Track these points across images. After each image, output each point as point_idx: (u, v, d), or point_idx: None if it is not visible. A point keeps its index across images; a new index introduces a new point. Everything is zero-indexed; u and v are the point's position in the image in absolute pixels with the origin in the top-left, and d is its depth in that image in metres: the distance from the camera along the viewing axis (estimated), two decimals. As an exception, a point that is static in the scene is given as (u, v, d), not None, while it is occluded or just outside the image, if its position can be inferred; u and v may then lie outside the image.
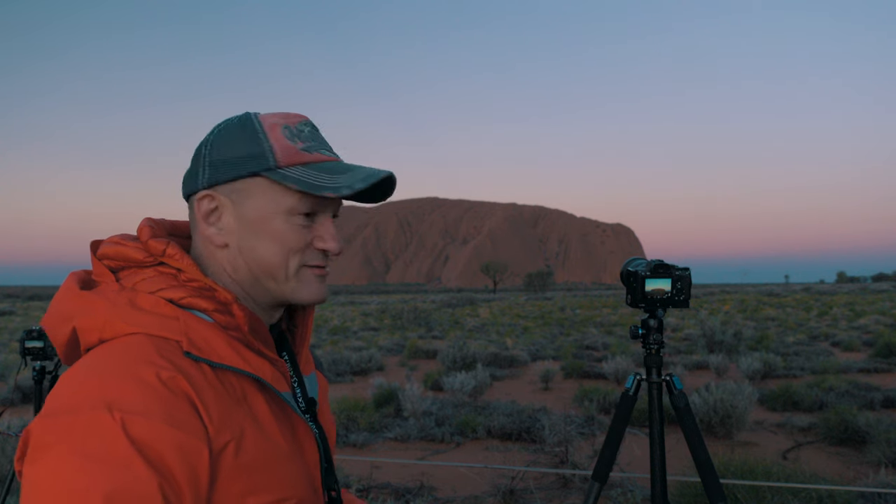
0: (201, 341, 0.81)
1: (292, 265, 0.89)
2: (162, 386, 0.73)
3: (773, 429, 7.19)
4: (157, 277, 0.86)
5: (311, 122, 0.95)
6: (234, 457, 0.77)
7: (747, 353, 12.12)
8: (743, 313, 29.19)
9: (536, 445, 6.48)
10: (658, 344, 2.03)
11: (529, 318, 30.33)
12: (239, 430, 0.79)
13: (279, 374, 0.89)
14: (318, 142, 0.92)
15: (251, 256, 0.89)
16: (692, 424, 1.97)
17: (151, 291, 0.84)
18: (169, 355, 0.78)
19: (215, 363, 0.81)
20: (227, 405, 0.80)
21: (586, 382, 10.18)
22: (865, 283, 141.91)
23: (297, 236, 0.89)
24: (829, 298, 43.59)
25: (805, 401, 8.05)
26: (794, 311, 30.50)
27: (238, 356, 0.84)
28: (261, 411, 0.84)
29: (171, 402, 0.73)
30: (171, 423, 0.71)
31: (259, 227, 0.88)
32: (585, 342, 16.95)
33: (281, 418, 0.87)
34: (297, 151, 0.88)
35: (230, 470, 0.77)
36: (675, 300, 1.98)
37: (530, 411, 7.54)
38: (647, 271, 1.97)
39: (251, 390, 0.85)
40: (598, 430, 6.89)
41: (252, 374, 0.83)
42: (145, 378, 0.73)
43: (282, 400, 0.88)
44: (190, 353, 0.79)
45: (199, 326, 0.83)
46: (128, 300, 0.82)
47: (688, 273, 1.97)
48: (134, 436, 0.69)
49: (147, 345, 0.78)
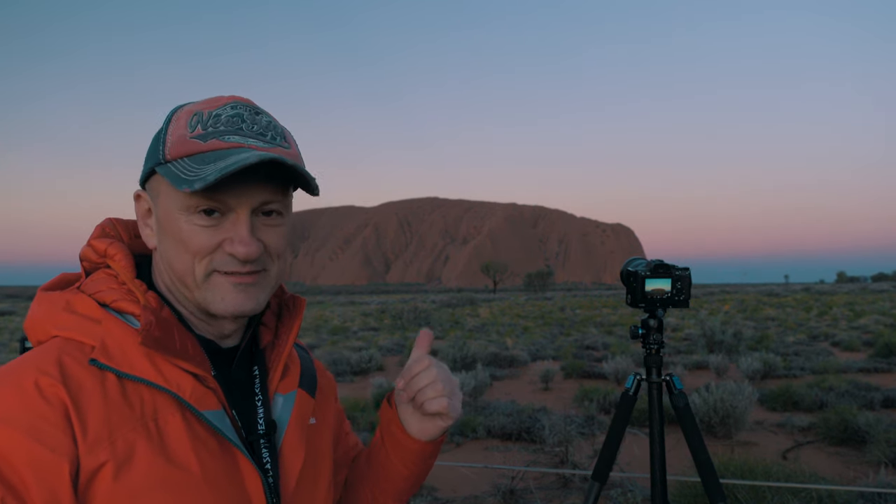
0: (116, 348, 0.76)
1: (199, 271, 0.80)
2: (37, 395, 0.69)
3: (773, 429, 7.18)
4: (103, 279, 0.83)
5: (245, 105, 0.82)
6: (112, 480, 0.70)
7: (747, 353, 12.12)
8: (743, 313, 29.18)
9: (536, 445, 6.48)
10: (658, 344, 2.03)
11: (529, 318, 30.33)
12: (125, 451, 0.71)
13: (206, 392, 0.79)
14: (231, 126, 0.79)
15: (166, 260, 0.83)
16: (692, 424, 1.97)
17: (91, 293, 0.81)
18: (69, 362, 0.74)
19: (121, 373, 0.74)
20: (118, 421, 0.72)
21: (586, 382, 10.17)
22: (865, 283, 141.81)
23: (199, 238, 0.79)
24: (828, 298, 43.60)
25: (805, 401, 8.05)
26: (794, 311, 30.50)
27: (153, 367, 0.76)
28: (172, 432, 0.75)
29: (41, 412, 0.68)
30: (32, 436, 0.67)
31: (166, 227, 0.81)
32: (585, 342, 16.94)
33: (206, 441, 0.78)
34: (186, 140, 0.79)
35: (108, 494, 0.69)
36: (675, 300, 1.97)
37: (530, 411, 7.54)
38: (647, 271, 1.97)
39: (166, 408, 0.76)
40: (598, 429, 6.88)
41: (164, 388, 0.76)
42: (24, 385, 0.70)
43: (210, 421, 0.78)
44: (95, 360, 0.74)
45: (119, 332, 0.77)
46: (65, 303, 0.80)
47: (688, 273, 1.97)
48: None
49: (53, 350, 0.75)
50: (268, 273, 0.85)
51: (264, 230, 0.82)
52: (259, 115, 0.83)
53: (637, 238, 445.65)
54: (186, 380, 0.78)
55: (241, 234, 0.80)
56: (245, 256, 0.79)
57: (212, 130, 0.79)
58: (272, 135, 0.82)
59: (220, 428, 0.78)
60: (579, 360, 12.28)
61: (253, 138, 0.80)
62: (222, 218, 0.80)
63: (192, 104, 0.83)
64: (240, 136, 0.79)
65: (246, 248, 0.79)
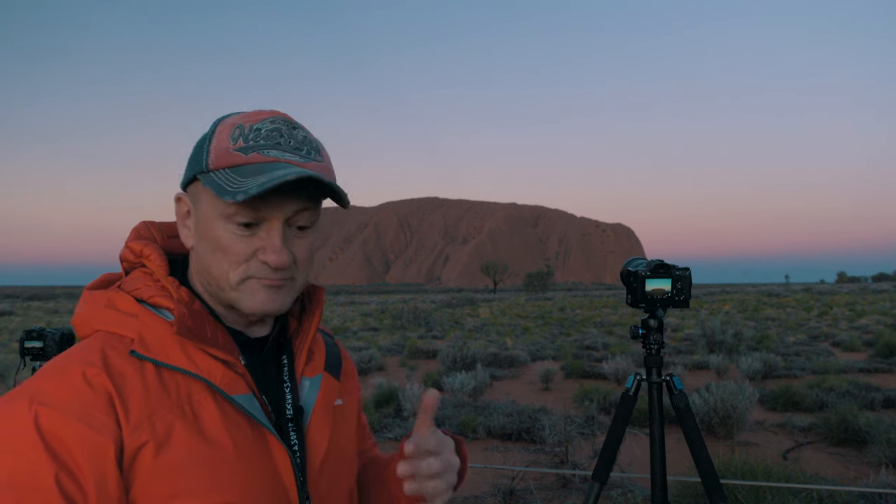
0: (153, 340, 0.83)
1: (233, 276, 0.86)
2: (84, 384, 0.77)
3: (773, 429, 7.18)
4: (139, 277, 0.90)
5: (283, 119, 0.88)
6: (153, 457, 0.77)
7: (748, 354, 12.12)
8: (743, 313, 29.18)
9: (536, 445, 6.48)
10: (658, 344, 2.03)
11: (529, 318, 30.33)
12: (164, 432, 0.78)
13: (235, 377, 0.86)
14: (270, 140, 0.85)
15: (202, 261, 0.89)
16: (693, 424, 1.97)
17: (129, 291, 0.88)
18: (111, 353, 0.81)
19: (158, 362, 0.82)
20: (156, 405, 0.80)
21: (586, 382, 10.18)
22: (866, 283, 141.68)
23: (236, 245, 0.85)
24: (829, 298, 43.57)
25: (806, 401, 8.05)
26: (795, 311, 30.49)
27: (186, 357, 0.84)
28: (205, 414, 0.82)
29: (88, 400, 0.76)
30: (82, 420, 0.75)
31: (205, 232, 0.87)
32: (585, 342, 16.94)
33: (238, 423, 0.84)
34: (229, 152, 0.85)
35: (150, 470, 0.77)
36: (675, 300, 1.98)
37: (530, 411, 7.54)
38: (648, 271, 1.97)
39: (199, 393, 0.83)
40: (598, 430, 6.88)
41: (196, 375, 0.83)
42: (72, 375, 0.78)
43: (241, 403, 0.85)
44: (135, 351, 0.82)
45: (155, 325, 0.85)
46: (107, 300, 0.87)
47: (688, 273, 1.97)
48: (43, 427, 0.73)
49: (97, 343, 0.83)
50: (294, 281, 0.91)
51: (295, 241, 0.89)
52: (296, 129, 0.89)
53: (637, 238, 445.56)
54: (217, 367, 0.85)
55: (275, 244, 0.86)
56: (277, 265, 0.85)
57: (252, 144, 0.85)
58: (307, 149, 0.88)
59: (249, 410, 0.85)
60: (579, 360, 12.28)
61: (290, 153, 0.86)
62: (257, 227, 0.86)
63: (234, 116, 0.90)
64: (278, 151, 0.85)
65: (278, 256, 0.85)
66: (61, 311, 40.11)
